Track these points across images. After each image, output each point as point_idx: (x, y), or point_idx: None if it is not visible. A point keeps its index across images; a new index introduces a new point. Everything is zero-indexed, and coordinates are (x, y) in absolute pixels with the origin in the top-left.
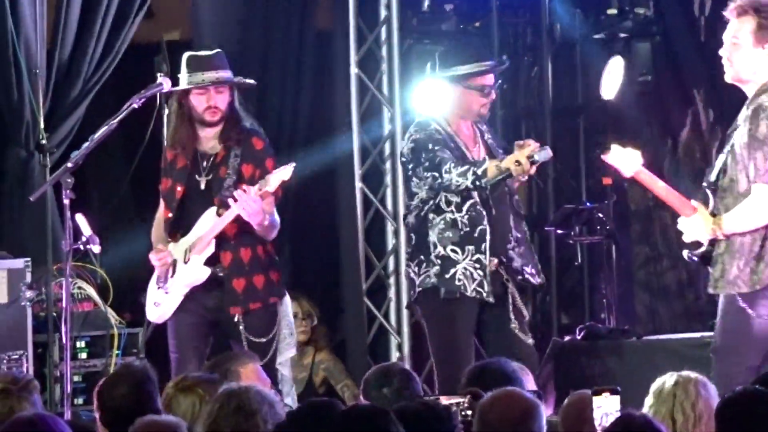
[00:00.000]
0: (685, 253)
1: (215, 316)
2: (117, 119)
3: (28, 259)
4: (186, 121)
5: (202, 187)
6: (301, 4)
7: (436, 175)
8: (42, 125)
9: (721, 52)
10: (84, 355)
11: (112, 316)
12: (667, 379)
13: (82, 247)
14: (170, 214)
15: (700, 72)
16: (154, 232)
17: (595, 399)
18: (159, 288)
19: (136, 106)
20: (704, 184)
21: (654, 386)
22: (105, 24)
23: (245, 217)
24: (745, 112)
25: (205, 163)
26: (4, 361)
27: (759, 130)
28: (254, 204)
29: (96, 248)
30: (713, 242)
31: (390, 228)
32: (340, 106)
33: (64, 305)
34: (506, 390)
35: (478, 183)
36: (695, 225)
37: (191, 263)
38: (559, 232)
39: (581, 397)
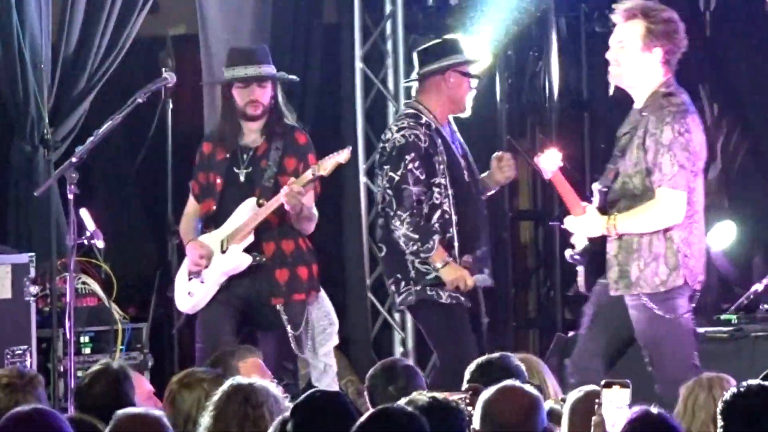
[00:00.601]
0: (568, 253)
1: (247, 306)
2: (122, 114)
3: (33, 253)
4: (230, 115)
5: (242, 179)
6: None
7: (394, 204)
8: (47, 120)
9: (608, 55)
10: (88, 350)
11: (116, 311)
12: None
13: (86, 242)
14: (214, 207)
15: (705, 67)
16: (184, 226)
17: (605, 392)
18: (192, 279)
19: (140, 100)
20: (596, 185)
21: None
22: (110, 19)
23: (294, 214)
24: (636, 117)
25: (245, 156)
26: (8, 356)
27: (664, 135)
28: (301, 202)
29: (100, 243)
30: (594, 240)
31: None
32: (346, 100)
33: (68, 300)
34: (508, 384)
35: (414, 255)
36: (587, 222)
37: (230, 252)
38: (563, 226)
39: (588, 394)
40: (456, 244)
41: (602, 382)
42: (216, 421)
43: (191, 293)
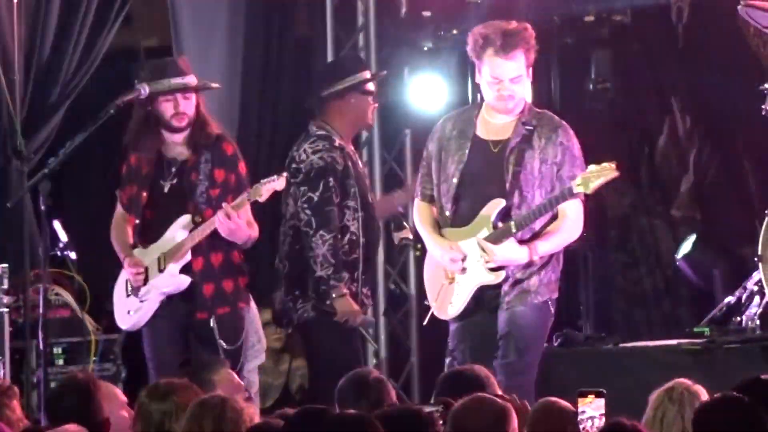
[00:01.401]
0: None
1: (188, 321)
2: (95, 126)
3: (5, 265)
4: (151, 127)
5: (166, 190)
6: (281, 11)
7: (314, 224)
8: (19, 131)
9: (506, 92)
10: (61, 362)
11: (89, 322)
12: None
13: (59, 253)
14: (137, 221)
15: (677, 79)
16: (116, 238)
17: (580, 401)
18: (130, 296)
19: (113, 112)
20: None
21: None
22: (83, 30)
23: (230, 238)
24: (521, 130)
25: (173, 169)
26: None
27: (570, 150)
28: (236, 227)
29: (73, 254)
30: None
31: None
32: None
33: (41, 311)
34: (477, 396)
35: (322, 278)
36: (510, 251)
37: (169, 272)
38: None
39: (547, 405)
40: (360, 266)
41: (577, 391)
42: None
43: (130, 311)
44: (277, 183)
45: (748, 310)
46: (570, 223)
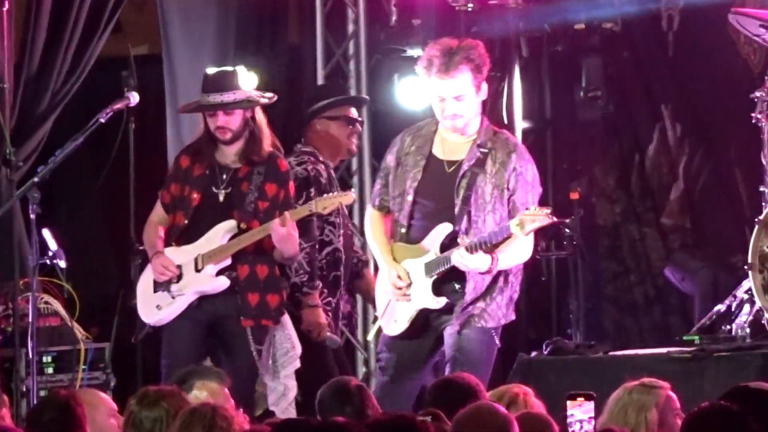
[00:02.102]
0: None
1: (214, 323)
2: (84, 134)
3: None
4: (208, 134)
5: (221, 199)
6: (272, 19)
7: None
8: (9, 140)
9: (449, 111)
10: (50, 370)
11: (78, 331)
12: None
13: (48, 261)
14: (185, 221)
15: (668, 87)
16: (149, 234)
17: (570, 404)
18: (159, 291)
19: (103, 120)
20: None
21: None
22: (73, 38)
23: (280, 247)
24: (475, 153)
25: (224, 176)
26: None
27: (529, 172)
28: (289, 235)
29: (62, 263)
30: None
31: (357, 243)
32: None
33: (30, 320)
34: (481, 405)
35: (296, 285)
36: (478, 260)
37: (206, 272)
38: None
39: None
40: (342, 282)
41: (567, 394)
42: None
43: (160, 306)
44: (344, 197)
45: (738, 318)
46: (523, 243)
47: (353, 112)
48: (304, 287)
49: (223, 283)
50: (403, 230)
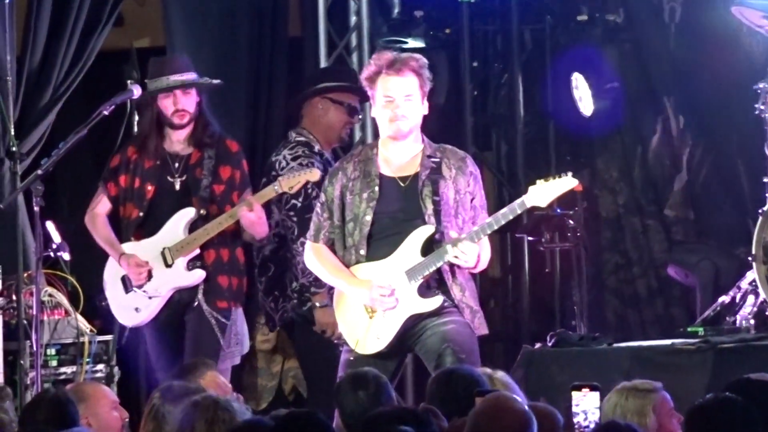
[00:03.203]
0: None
1: (183, 310)
2: (87, 126)
3: None
4: (156, 125)
5: (177, 187)
6: (272, 11)
7: (296, 230)
8: (12, 132)
9: (399, 111)
10: (54, 363)
11: (82, 323)
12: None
13: (52, 254)
14: (141, 213)
15: (670, 79)
16: (100, 234)
17: (574, 394)
18: (131, 292)
19: (106, 113)
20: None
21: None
22: (75, 31)
23: (250, 231)
24: (427, 163)
25: (176, 164)
26: None
27: (479, 179)
28: (257, 219)
29: (66, 255)
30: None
31: None
32: None
33: (34, 313)
34: (501, 398)
35: (305, 286)
36: (473, 248)
37: (178, 266)
38: (530, 238)
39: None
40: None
41: (572, 385)
42: None
43: (138, 309)
44: (309, 174)
45: (741, 309)
46: (484, 249)
47: (356, 103)
48: (312, 287)
49: (201, 275)
50: (363, 251)
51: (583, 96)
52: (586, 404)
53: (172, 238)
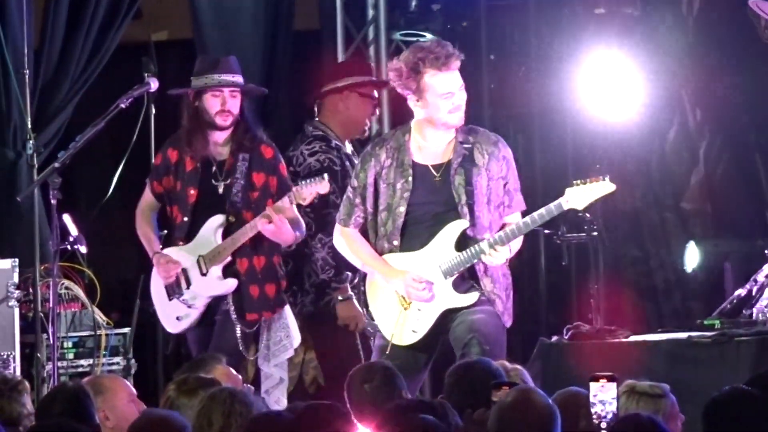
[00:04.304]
0: None
1: (215, 311)
2: (104, 119)
3: (16, 259)
4: (201, 126)
5: (220, 191)
6: (289, 3)
7: (313, 227)
8: (29, 125)
9: (458, 102)
10: (71, 356)
11: (99, 316)
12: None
13: (69, 247)
14: (185, 218)
15: (688, 72)
16: (143, 231)
17: (592, 385)
18: (174, 299)
19: (123, 106)
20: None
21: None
22: (93, 24)
23: (275, 240)
24: (460, 150)
25: (214, 168)
26: None
27: (511, 162)
28: (277, 230)
29: (83, 248)
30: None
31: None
32: None
33: (51, 305)
34: (526, 392)
35: (326, 282)
36: (505, 252)
37: (212, 275)
38: (547, 231)
39: (573, 395)
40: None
41: (590, 376)
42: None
43: (180, 318)
44: (320, 186)
45: (758, 302)
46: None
47: (375, 93)
48: (332, 283)
49: (233, 285)
50: (396, 242)
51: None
52: (604, 395)
53: (206, 246)
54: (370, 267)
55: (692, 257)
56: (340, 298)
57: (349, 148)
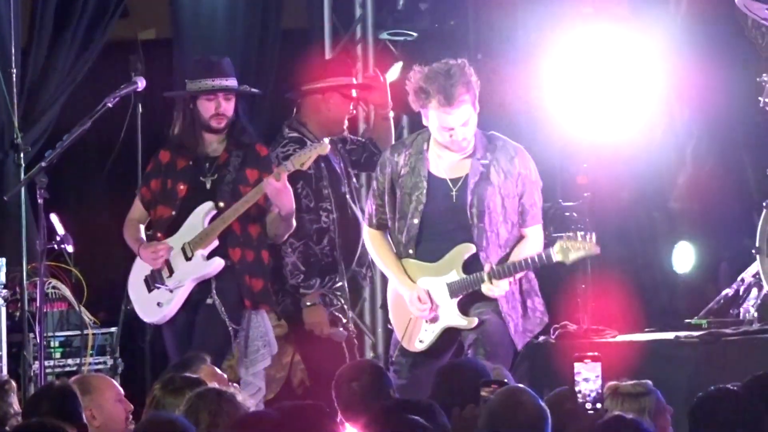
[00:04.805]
0: None
1: (196, 309)
2: (92, 118)
3: (3, 258)
4: (192, 125)
5: (208, 186)
6: (276, 3)
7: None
8: (17, 124)
9: (457, 138)
10: (58, 355)
11: (86, 315)
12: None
13: (56, 246)
14: (173, 212)
15: (676, 71)
16: (130, 232)
17: (576, 365)
18: (154, 289)
19: (110, 105)
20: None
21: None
22: (81, 23)
23: (277, 202)
24: (477, 167)
25: (207, 165)
26: None
27: (533, 173)
28: (283, 188)
29: (70, 248)
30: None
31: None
32: None
33: (38, 305)
34: (517, 391)
35: (293, 286)
36: (504, 285)
37: (198, 257)
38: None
39: (564, 395)
40: (339, 268)
41: (575, 356)
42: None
43: (161, 303)
44: (320, 148)
45: (745, 302)
46: (533, 246)
47: (353, 93)
48: (301, 288)
49: (219, 264)
50: (411, 251)
51: None
52: (588, 373)
53: (192, 233)
54: (387, 271)
55: (683, 257)
56: (308, 303)
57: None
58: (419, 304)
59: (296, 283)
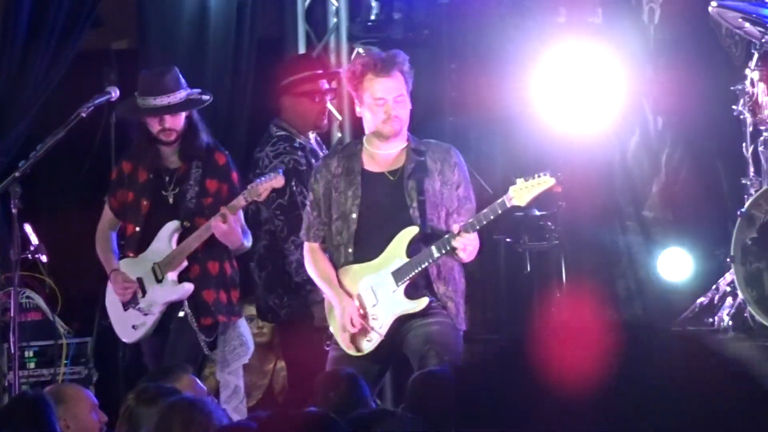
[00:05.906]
0: None
1: (170, 320)
2: (65, 128)
3: None
4: (146, 139)
5: (171, 201)
6: (250, 12)
7: (286, 230)
8: None
9: (391, 112)
10: (32, 365)
11: (60, 325)
12: None
13: (30, 256)
14: (137, 229)
15: (649, 79)
16: (101, 248)
17: None
18: (129, 309)
19: (83, 115)
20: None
21: None
22: (53, 33)
23: (224, 241)
24: (413, 157)
25: (168, 178)
26: None
27: (463, 169)
28: (230, 230)
29: (44, 258)
30: None
31: None
32: None
33: (12, 315)
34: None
35: (300, 283)
36: (475, 239)
37: (169, 281)
38: (508, 240)
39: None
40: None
41: None
42: None
43: (135, 326)
44: (274, 181)
45: (720, 310)
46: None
47: (326, 84)
48: (307, 284)
49: (189, 288)
50: (351, 249)
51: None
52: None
53: (160, 253)
54: (322, 285)
55: (658, 265)
56: (316, 299)
57: (312, 136)
58: (348, 324)
59: (302, 280)
